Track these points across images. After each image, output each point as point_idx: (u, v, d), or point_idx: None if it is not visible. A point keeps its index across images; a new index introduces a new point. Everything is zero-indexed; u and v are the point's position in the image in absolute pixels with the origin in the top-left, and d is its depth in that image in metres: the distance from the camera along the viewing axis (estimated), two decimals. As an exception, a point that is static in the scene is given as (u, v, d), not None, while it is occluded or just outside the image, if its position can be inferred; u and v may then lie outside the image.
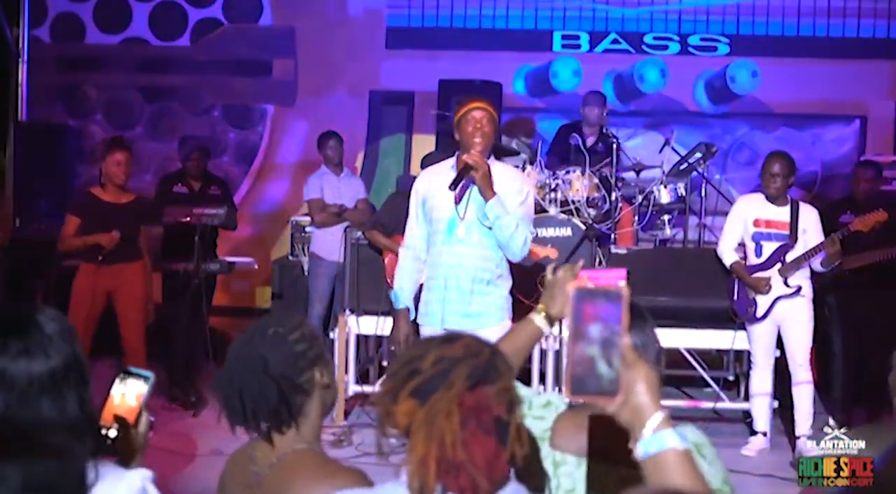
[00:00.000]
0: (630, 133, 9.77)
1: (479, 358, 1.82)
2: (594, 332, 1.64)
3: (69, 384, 2.08)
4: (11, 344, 2.08)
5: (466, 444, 1.74)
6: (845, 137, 9.96)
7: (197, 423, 7.06)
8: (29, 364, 2.06)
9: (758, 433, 6.74)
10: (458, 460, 1.73)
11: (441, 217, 4.87)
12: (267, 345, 2.44)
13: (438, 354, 1.83)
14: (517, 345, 2.58)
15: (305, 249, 8.60)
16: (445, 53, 10.02)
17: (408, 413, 1.79)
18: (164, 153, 10.56)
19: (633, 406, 1.65)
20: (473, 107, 4.79)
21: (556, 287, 2.66)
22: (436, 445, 1.74)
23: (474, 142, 4.73)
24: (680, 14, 10.10)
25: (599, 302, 1.65)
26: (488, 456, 1.75)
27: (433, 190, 4.91)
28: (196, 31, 10.53)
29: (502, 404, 1.79)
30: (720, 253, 6.83)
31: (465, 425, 1.75)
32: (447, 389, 1.77)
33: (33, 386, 2.05)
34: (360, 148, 10.16)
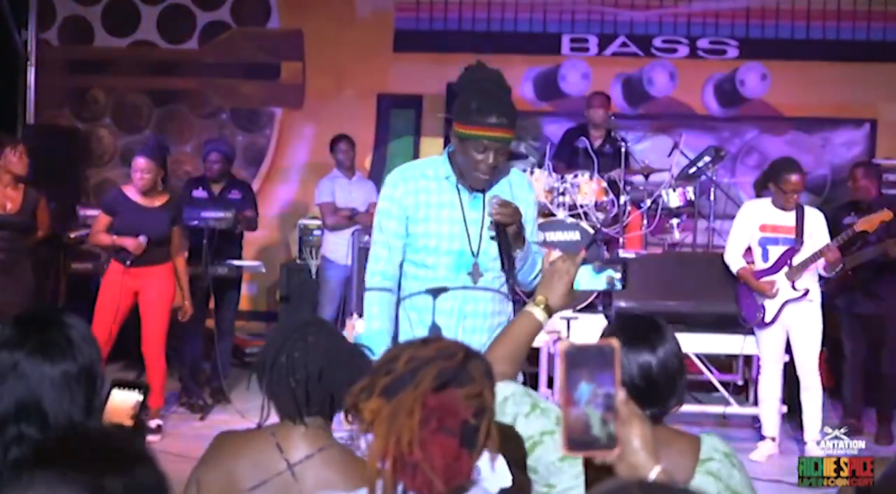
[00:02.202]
0: (639, 136, 9.75)
1: (450, 360, 1.80)
2: (588, 390, 1.64)
3: (79, 389, 2.09)
4: (31, 339, 2.10)
5: (425, 443, 1.72)
6: (855, 141, 9.92)
7: (205, 427, 7.05)
8: (42, 362, 2.08)
9: (766, 438, 6.72)
10: (414, 459, 1.71)
11: (442, 246, 3.74)
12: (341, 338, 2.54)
13: (411, 354, 1.82)
14: (518, 341, 2.55)
15: (313, 252, 8.60)
16: (454, 56, 9.95)
17: (374, 411, 1.78)
18: (173, 156, 10.56)
19: (629, 463, 1.66)
20: (487, 137, 3.60)
21: (555, 276, 2.62)
22: (394, 442, 1.72)
23: (477, 175, 3.67)
24: (689, 17, 10.07)
25: (591, 358, 1.64)
26: (447, 459, 1.73)
27: (424, 205, 3.77)
28: (204, 34, 10.52)
29: (470, 408, 1.76)
30: (727, 260, 6.82)
31: (425, 424, 1.73)
32: (413, 388, 1.76)
33: (43, 384, 2.06)
34: (368, 151, 10.15)
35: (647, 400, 2.34)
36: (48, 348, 2.10)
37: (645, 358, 2.36)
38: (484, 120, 3.59)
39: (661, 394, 2.39)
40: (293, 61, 10.44)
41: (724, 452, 2.37)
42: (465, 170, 3.70)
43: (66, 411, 2.08)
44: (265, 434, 2.57)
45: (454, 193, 3.76)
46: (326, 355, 2.51)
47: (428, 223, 3.74)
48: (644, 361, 2.35)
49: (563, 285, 2.60)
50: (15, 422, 2.05)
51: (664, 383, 2.37)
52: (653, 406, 2.37)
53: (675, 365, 2.39)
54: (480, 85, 3.74)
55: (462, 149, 3.66)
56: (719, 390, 7.39)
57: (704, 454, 2.36)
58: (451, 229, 3.73)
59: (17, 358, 2.09)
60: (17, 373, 2.08)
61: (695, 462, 2.34)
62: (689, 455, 2.35)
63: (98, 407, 2.15)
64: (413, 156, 10.21)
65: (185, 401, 7.51)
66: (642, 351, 2.35)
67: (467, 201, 3.76)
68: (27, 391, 2.07)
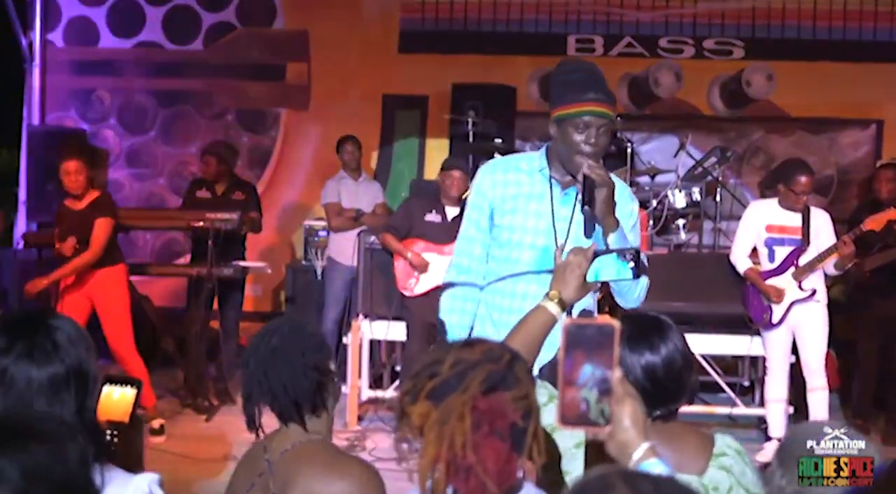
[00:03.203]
0: (644, 137, 9.73)
1: (497, 363, 1.81)
2: (586, 368, 1.67)
3: (69, 391, 2.08)
4: (17, 345, 2.09)
5: (477, 447, 1.73)
6: (862, 141, 9.89)
7: (209, 428, 7.05)
8: (29, 367, 2.07)
9: (773, 439, 6.70)
10: (467, 463, 1.73)
11: (526, 241, 3.52)
12: (298, 336, 2.53)
13: (457, 357, 1.82)
14: (532, 336, 2.53)
15: (319, 253, 8.59)
16: (459, 57, 9.99)
17: (423, 414, 1.78)
18: (178, 157, 10.56)
19: (618, 441, 1.71)
20: (589, 112, 3.37)
21: (567, 270, 2.61)
22: (446, 446, 1.73)
23: (580, 155, 3.36)
24: (695, 17, 10.05)
25: (591, 336, 1.68)
26: (499, 461, 1.75)
27: (511, 197, 3.56)
28: (209, 35, 10.52)
29: (518, 410, 1.78)
30: (733, 260, 6.80)
31: (477, 428, 1.74)
32: (462, 392, 1.77)
33: (31, 388, 2.05)
34: (374, 152, 10.14)
35: (654, 401, 2.34)
36: (34, 353, 2.09)
37: (648, 359, 2.35)
38: (580, 96, 3.37)
39: (668, 394, 2.38)
40: (299, 62, 10.44)
41: (736, 449, 2.39)
42: (566, 158, 3.43)
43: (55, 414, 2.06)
44: (262, 440, 2.61)
45: (546, 186, 3.52)
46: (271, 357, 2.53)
47: (514, 215, 3.53)
48: (648, 362, 2.35)
49: (575, 278, 2.59)
50: None
51: (670, 383, 2.37)
52: (661, 406, 2.37)
53: (679, 363, 2.38)
54: (572, 74, 3.52)
55: (561, 136, 3.41)
56: (726, 391, 7.37)
57: (718, 449, 2.37)
58: (538, 223, 3.50)
59: (5, 364, 2.07)
60: (5, 380, 2.07)
61: (708, 456, 2.35)
62: (703, 450, 2.36)
63: (91, 408, 2.14)
64: (418, 157, 10.21)
65: (191, 403, 7.51)
66: (644, 353, 2.35)
67: (558, 196, 3.52)
68: (17, 397, 2.06)
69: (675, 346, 2.37)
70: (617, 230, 3.30)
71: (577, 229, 3.44)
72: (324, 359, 2.54)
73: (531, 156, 3.66)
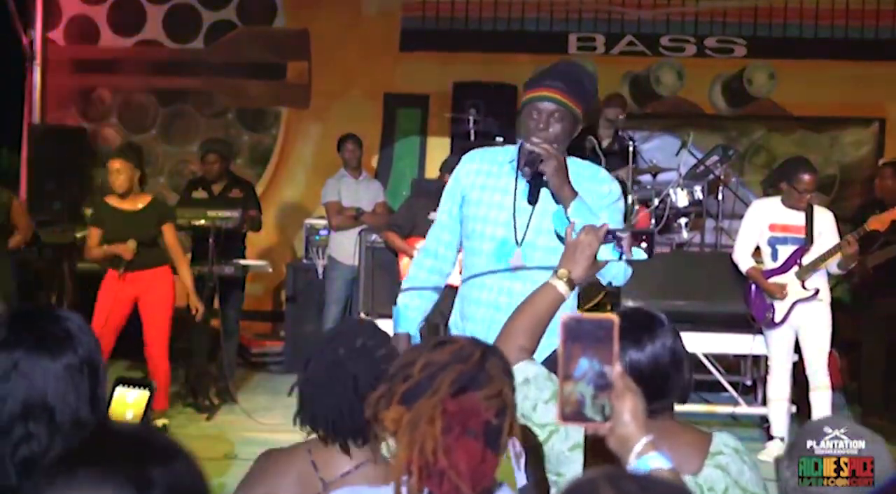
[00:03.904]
0: (646, 135, 9.72)
1: (466, 363, 1.79)
2: (585, 363, 1.67)
3: (82, 381, 2.07)
4: (28, 337, 2.08)
5: (449, 451, 1.71)
6: (864, 140, 9.88)
7: (211, 427, 7.04)
8: (43, 357, 2.06)
9: (775, 438, 6.69)
10: (439, 467, 1.71)
11: (486, 232, 3.53)
12: (356, 361, 2.40)
13: (427, 359, 1.80)
14: (539, 314, 2.49)
15: (320, 252, 8.58)
16: (460, 55, 9.98)
17: (395, 419, 1.77)
18: (179, 156, 10.55)
19: (618, 436, 1.71)
20: (536, 97, 3.43)
21: (577, 249, 2.58)
22: (418, 451, 1.72)
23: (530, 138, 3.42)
24: (696, 16, 10.03)
25: (590, 331, 1.68)
26: (473, 462, 1.73)
27: (479, 187, 3.58)
28: (210, 34, 10.51)
29: (492, 408, 1.76)
30: (736, 259, 6.79)
31: (448, 431, 1.72)
32: (431, 395, 1.75)
33: (47, 379, 2.04)
34: (375, 150, 10.13)
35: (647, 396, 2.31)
36: (48, 342, 2.08)
37: (631, 356, 2.30)
38: (535, 84, 3.46)
39: (651, 391, 2.34)
40: (299, 61, 10.42)
41: (734, 448, 2.35)
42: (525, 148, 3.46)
43: (72, 405, 2.05)
44: (303, 451, 2.49)
45: (511, 178, 3.53)
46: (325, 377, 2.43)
47: (479, 206, 3.56)
48: (631, 360, 2.30)
49: (585, 258, 2.56)
50: (22, 422, 2.03)
51: (656, 380, 2.31)
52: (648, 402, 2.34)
53: (666, 360, 2.33)
54: (548, 67, 3.60)
55: (522, 125, 3.48)
56: (728, 390, 7.36)
57: (714, 448, 2.33)
58: (499, 215, 3.51)
59: (17, 358, 2.06)
60: (18, 372, 2.05)
61: (704, 455, 2.31)
62: (699, 449, 2.33)
63: (102, 398, 2.14)
64: (420, 155, 10.20)
65: (192, 402, 7.50)
66: (629, 350, 2.30)
67: (522, 188, 3.52)
68: (31, 389, 2.05)
69: (662, 344, 2.33)
70: (576, 200, 3.34)
71: (537, 221, 3.47)
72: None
73: (510, 148, 3.67)
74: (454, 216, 3.64)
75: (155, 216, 6.85)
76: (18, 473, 1.98)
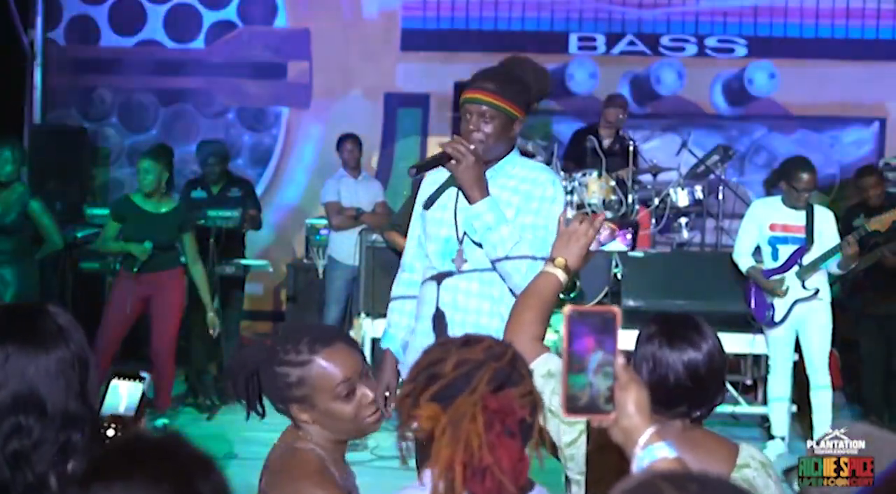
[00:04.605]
0: (647, 135, 9.71)
1: (501, 361, 1.79)
2: (590, 354, 1.67)
3: (73, 375, 2.08)
4: (18, 331, 2.08)
5: (492, 447, 1.71)
6: (864, 140, 9.88)
7: (211, 426, 7.04)
8: (35, 352, 2.06)
9: (776, 437, 6.69)
10: (484, 464, 1.71)
11: (432, 232, 3.57)
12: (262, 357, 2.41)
13: (459, 358, 1.80)
14: (546, 301, 2.51)
15: (320, 252, 8.57)
16: (461, 55, 9.97)
17: (430, 417, 1.76)
18: (179, 156, 10.54)
19: (623, 427, 1.70)
20: (467, 99, 3.47)
21: (573, 238, 2.58)
22: (462, 449, 1.71)
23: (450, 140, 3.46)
24: (697, 15, 10.03)
25: (593, 323, 1.68)
26: (513, 460, 1.73)
27: (430, 191, 3.69)
28: (211, 34, 10.51)
29: (526, 406, 1.77)
30: (736, 259, 6.80)
31: (489, 428, 1.72)
32: (470, 393, 1.74)
33: (39, 374, 2.05)
34: (375, 150, 10.12)
35: (694, 401, 2.31)
36: (39, 337, 2.08)
37: (690, 356, 2.29)
38: (467, 85, 3.52)
39: (708, 393, 2.33)
40: (300, 61, 10.42)
41: (761, 461, 2.34)
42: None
43: (62, 399, 2.05)
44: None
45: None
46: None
47: (432, 210, 3.61)
48: (690, 359, 2.29)
49: (580, 247, 2.57)
50: (13, 414, 2.03)
51: (711, 381, 2.32)
52: (700, 406, 2.33)
53: (720, 362, 2.34)
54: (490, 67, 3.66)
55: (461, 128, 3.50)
56: (728, 389, 7.36)
57: (741, 460, 2.33)
58: (443, 215, 3.55)
59: (8, 352, 2.06)
60: (9, 367, 2.06)
61: (731, 467, 2.31)
62: (726, 460, 2.32)
63: (91, 393, 2.14)
64: (420, 155, 10.19)
65: (193, 401, 7.50)
66: (687, 350, 2.29)
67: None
68: (22, 383, 2.05)
69: (714, 345, 2.33)
70: (482, 201, 3.34)
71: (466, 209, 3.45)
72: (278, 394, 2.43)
73: None
74: (420, 230, 3.68)
75: (177, 222, 6.87)
76: (10, 465, 1.98)
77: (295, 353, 2.31)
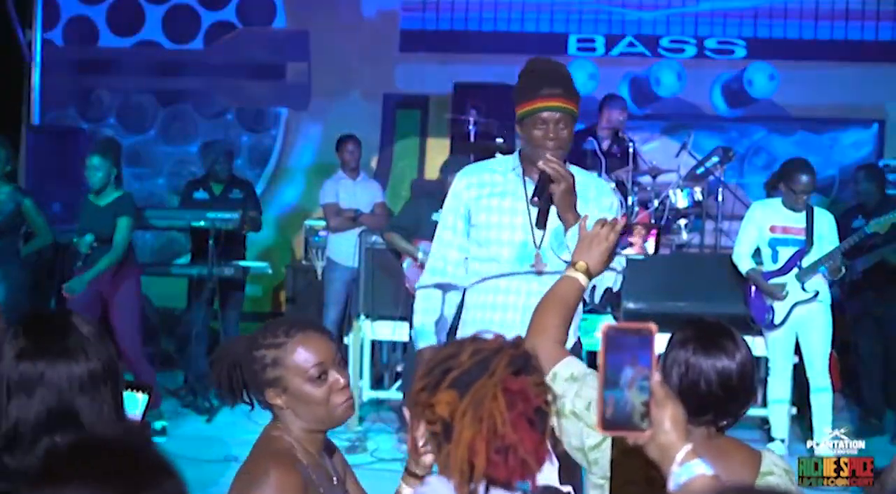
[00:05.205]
0: (646, 137, 9.70)
1: (517, 348, 1.79)
2: (625, 371, 1.68)
3: (106, 386, 2.07)
4: (51, 346, 2.06)
5: (515, 426, 1.70)
6: (864, 141, 9.88)
7: (210, 428, 7.03)
8: (69, 365, 2.04)
9: (776, 439, 6.68)
10: (508, 442, 1.70)
11: (503, 237, 3.59)
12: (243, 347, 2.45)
13: (475, 348, 1.79)
14: (569, 305, 2.51)
15: (319, 253, 8.56)
16: (460, 56, 9.97)
17: (450, 402, 1.74)
18: (178, 156, 10.54)
19: (660, 444, 1.70)
20: (543, 108, 3.46)
21: (594, 241, 2.59)
22: (485, 428, 1.70)
23: (545, 151, 3.44)
24: (696, 17, 10.03)
25: (630, 339, 1.69)
26: (535, 442, 1.73)
27: (486, 196, 3.64)
28: (209, 34, 10.50)
29: (541, 395, 1.76)
30: (736, 260, 6.79)
31: (512, 407, 1.71)
32: (490, 376, 1.73)
33: (73, 388, 2.03)
34: (374, 151, 10.11)
35: (724, 409, 2.30)
36: (70, 351, 2.06)
37: (724, 364, 2.28)
38: (535, 93, 3.47)
39: (739, 402, 2.33)
40: (299, 61, 10.41)
41: (784, 469, 2.35)
42: (532, 156, 3.50)
43: (97, 412, 2.05)
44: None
45: (519, 184, 3.61)
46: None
47: (490, 213, 3.61)
48: (724, 368, 2.28)
49: (601, 251, 2.57)
50: (49, 431, 2.01)
51: (741, 391, 2.31)
52: (727, 415, 2.33)
53: (750, 373, 2.33)
54: (529, 73, 3.62)
55: (525, 135, 3.53)
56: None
57: (765, 467, 2.33)
58: (514, 220, 3.58)
59: (41, 369, 2.04)
60: (44, 383, 2.03)
61: (755, 474, 2.31)
62: (750, 468, 2.32)
63: (122, 404, 2.13)
64: (419, 156, 10.19)
65: (191, 403, 7.48)
66: (721, 358, 2.28)
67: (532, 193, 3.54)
68: (58, 399, 2.03)
69: (747, 354, 2.32)
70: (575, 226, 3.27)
71: (552, 222, 3.48)
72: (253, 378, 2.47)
73: (505, 158, 3.80)
74: (459, 230, 3.68)
75: (116, 211, 6.70)
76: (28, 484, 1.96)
77: (272, 337, 2.39)
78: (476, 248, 3.66)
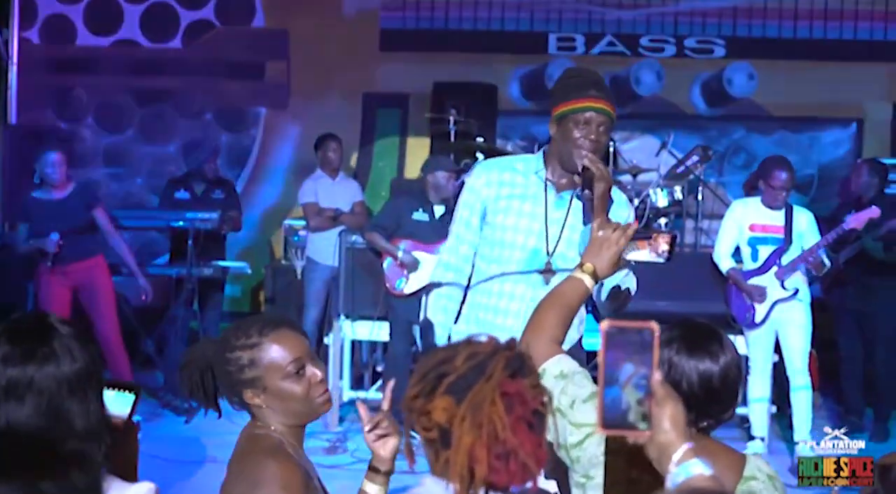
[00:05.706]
0: (626, 136, 9.71)
1: (512, 350, 1.78)
2: (626, 370, 1.67)
3: (92, 386, 2.07)
4: (37, 350, 2.05)
5: (515, 430, 1.70)
6: (842, 140, 9.92)
7: (189, 429, 6.99)
8: (57, 368, 2.04)
9: (755, 438, 6.70)
10: (508, 446, 1.69)
11: (517, 241, 3.51)
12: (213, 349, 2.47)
13: (469, 352, 1.78)
14: (570, 307, 2.50)
15: (299, 253, 8.53)
16: (440, 55, 9.96)
17: (447, 408, 1.73)
18: (156, 156, 10.48)
19: (658, 443, 1.69)
20: (589, 107, 3.40)
21: (604, 245, 2.59)
22: (484, 433, 1.69)
23: (579, 153, 3.37)
24: (676, 16, 10.05)
25: (631, 338, 1.68)
26: (535, 445, 1.73)
27: (505, 197, 3.55)
28: (188, 33, 10.45)
29: (537, 397, 1.75)
30: (716, 260, 6.81)
31: (510, 411, 1.70)
32: (487, 380, 1.72)
33: (62, 391, 2.03)
34: (354, 150, 10.09)
35: (705, 411, 2.29)
36: (57, 356, 2.06)
37: (707, 366, 2.27)
38: (582, 93, 3.40)
39: (720, 405, 2.32)
40: (278, 61, 10.38)
41: (767, 474, 2.33)
42: (565, 156, 3.43)
43: (86, 413, 2.05)
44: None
45: (540, 188, 3.52)
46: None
47: (507, 215, 3.53)
48: (706, 370, 2.27)
49: (611, 255, 2.57)
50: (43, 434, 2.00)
51: (725, 393, 2.30)
52: (710, 417, 2.32)
53: (735, 375, 2.32)
54: (576, 77, 3.56)
55: (561, 134, 3.43)
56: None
57: (748, 472, 2.31)
58: (531, 224, 3.50)
59: (31, 374, 2.03)
60: (34, 389, 2.03)
61: (738, 477, 2.30)
62: (733, 472, 2.30)
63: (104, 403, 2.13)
64: (399, 156, 10.17)
65: (169, 404, 7.44)
66: (705, 360, 2.28)
67: (553, 199, 3.52)
68: (48, 404, 2.02)
69: (732, 357, 2.31)
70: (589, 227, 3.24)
71: (568, 232, 3.47)
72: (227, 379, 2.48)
73: (528, 157, 3.67)
74: (473, 227, 3.61)
75: (82, 202, 6.68)
76: None
77: (245, 338, 2.40)
78: (487, 248, 3.58)
